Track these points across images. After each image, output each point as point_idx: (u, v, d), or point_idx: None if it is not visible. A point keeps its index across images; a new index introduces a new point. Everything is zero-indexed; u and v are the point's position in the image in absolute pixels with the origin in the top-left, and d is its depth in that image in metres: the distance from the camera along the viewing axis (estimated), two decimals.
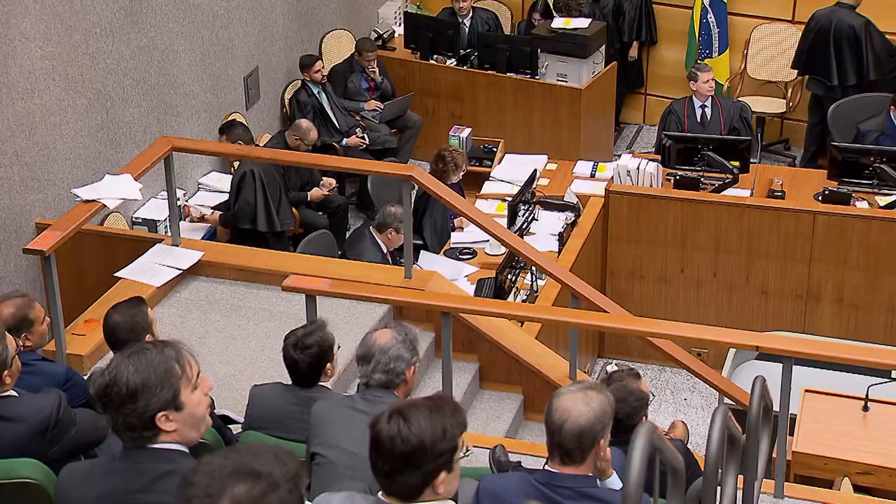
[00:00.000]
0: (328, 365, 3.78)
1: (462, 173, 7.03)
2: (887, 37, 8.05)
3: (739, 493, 3.43)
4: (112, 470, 2.39)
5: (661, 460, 2.59)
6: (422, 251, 6.69)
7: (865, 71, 7.91)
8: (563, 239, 6.73)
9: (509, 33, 9.19)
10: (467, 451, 2.45)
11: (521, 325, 5.82)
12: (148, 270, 5.49)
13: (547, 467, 2.91)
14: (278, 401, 3.76)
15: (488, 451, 4.06)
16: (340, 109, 8.21)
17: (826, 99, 8.07)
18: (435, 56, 8.73)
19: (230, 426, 3.96)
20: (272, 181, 6.83)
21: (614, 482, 2.97)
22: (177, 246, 5.70)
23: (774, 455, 4.31)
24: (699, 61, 8.54)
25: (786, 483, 4.25)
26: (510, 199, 6.84)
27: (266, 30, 8.07)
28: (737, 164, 6.90)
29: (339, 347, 3.85)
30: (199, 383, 2.39)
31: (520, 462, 3.86)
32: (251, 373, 4.83)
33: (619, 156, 7.59)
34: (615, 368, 4.33)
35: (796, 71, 8.32)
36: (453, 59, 8.67)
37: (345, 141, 8.09)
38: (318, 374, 3.75)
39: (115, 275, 5.44)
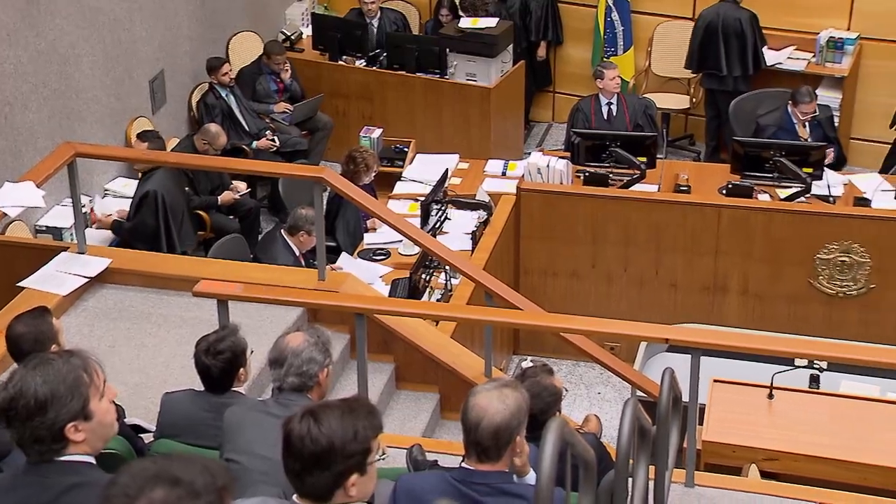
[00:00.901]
0: (241, 370, 3.75)
1: (374, 174, 7.02)
2: (784, 37, 8.31)
3: (651, 484, 3.50)
4: (17, 485, 2.34)
5: (573, 454, 2.63)
6: (342, 254, 6.67)
7: (752, 61, 8.12)
8: (475, 237, 6.78)
9: (417, 33, 9.21)
10: (383, 454, 2.46)
11: (437, 325, 5.84)
12: (53, 279, 5.37)
13: (464, 465, 2.93)
14: (190, 408, 3.72)
15: (405, 451, 4.07)
16: (249, 112, 8.14)
17: (719, 93, 8.27)
18: (344, 57, 8.70)
19: (142, 435, 3.90)
20: (177, 201, 6.73)
21: (531, 478, 3.00)
22: (83, 253, 5.58)
23: (686, 445, 4.40)
24: (605, 59, 8.67)
25: (696, 472, 4.34)
26: (422, 198, 6.86)
27: (170, 32, 7.95)
28: (644, 159, 7.01)
29: (251, 352, 3.82)
30: (105, 391, 2.37)
31: (436, 461, 3.88)
32: (162, 380, 4.76)
33: (530, 154, 7.66)
34: (530, 365, 4.37)
35: (691, 69, 8.51)
36: (362, 60, 8.66)
37: (255, 144, 8.02)
38: (230, 380, 3.72)
39: (18, 285, 5.30)
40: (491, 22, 8.29)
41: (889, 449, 4.94)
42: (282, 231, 6.36)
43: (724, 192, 6.94)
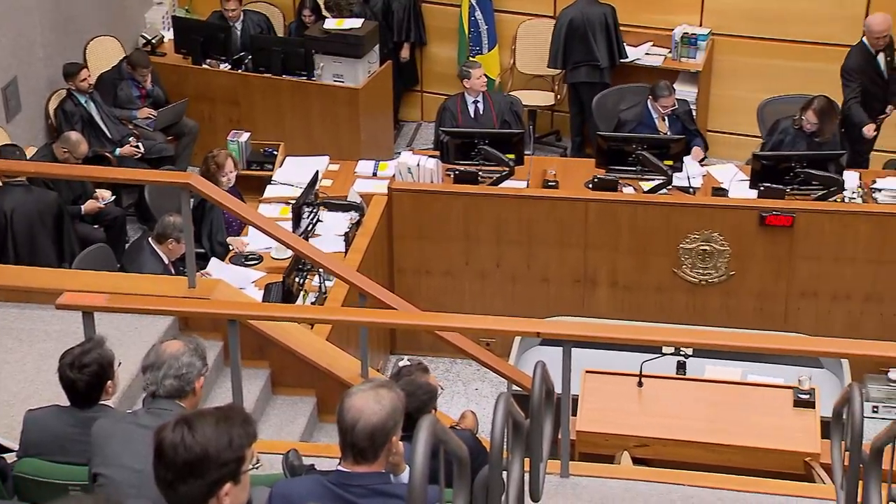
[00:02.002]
0: (109, 383, 3.66)
1: (232, 174, 6.90)
2: (641, 33, 8.54)
3: (527, 476, 3.56)
4: None
5: (446, 451, 2.65)
6: (213, 260, 6.56)
7: (616, 54, 8.35)
8: (348, 239, 6.76)
9: (282, 35, 9.14)
10: (256, 462, 2.44)
11: (312, 328, 5.81)
12: None
13: (340, 467, 2.93)
14: (55, 424, 3.62)
15: (282, 456, 4.04)
16: (111, 118, 7.93)
17: (583, 89, 8.45)
18: (208, 60, 8.57)
19: (5, 454, 3.76)
20: (40, 220, 6.53)
21: (407, 476, 3.02)
22: None
23: (560, 436, 4.49)
24: (470, 58, 8.75)
25: (571, 462, 4.43)
26: (293, 202, 6.81)
27: (23, 38, 7.69)
28: (512, 156, 7.11)
29: (119, 364, 3.73)
30: None
31: (313, 465, 3.86)
32: (27, 397, 4.61)
33: (400, 153, 7.69)
34: (406, 364, 4.39)
35: (556, 67, 8.66)
36: (227, 63, 8.54)
37: (118, 151, 7.82)
38: (98, 393, 3.63)
39: None
40: (356, 23, 8.28)
41: (750, 430, 5.15)
42: (149, 239, 6.23)
43: (590, 186, 7.09)
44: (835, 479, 3.83)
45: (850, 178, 6.86)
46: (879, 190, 6.80)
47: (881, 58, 7.50)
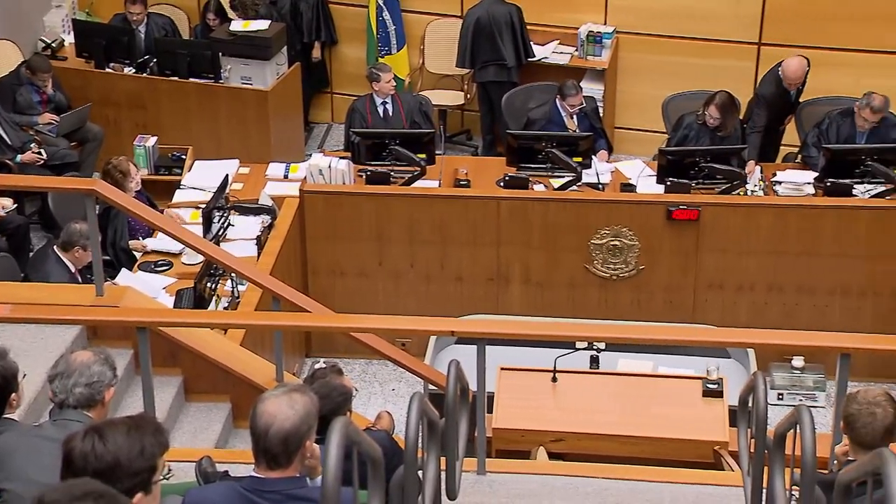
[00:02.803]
0: (12, 395, 3.57)
1: (137, 179, 6.80)
2: (547, 32, 8.64)
3: (443, 475, 3.58)
4: None
5: (360, 453, 2.66)
6: (122, 268, 6.45)
7: (523, 52, 8.41)
8: (261, 242, 6.71)
9: (188, 38, 9.01)
10: (167, 472, 2.41)
11: (225, 333, 5.75)
12: None
13: (254, 473, 2.91)
14: None
15: (195, 464, 3.99)
16: (11, 125, 7.73)
17: (492, 88, 8.50)
18: (111, 64, 8.40)
19: None
20: None
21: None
22: None
23: (477, 434, 4.53)
24: (379, 59, 8.75)
25: (487, 459, 4.46)
26: (203, 206, 6.73)
27: None
28: (423, 156, 7.13)
29: (24, 376, 3.64)
30: None
31: (227, 472, 3.82)
32: None
33: (311, 155, 7.64)
34: (322, 366, 4.38)
35: (464, 67, 8.70)
36: (131, 67, 8.39)
37: (19, 158, 7.62)
38: (1, 407, 3.54)
39: None
40: (263, 24, 8.22)
41: (661, 421, 5.26)
42: (55, 247, 6.09)
43: (501, 184, 7.14)
44: (742, 465, 3.93)
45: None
46: (780, 182, 6.98)
47: (793, 95, 7.66)
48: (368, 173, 7.16)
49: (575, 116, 7.57)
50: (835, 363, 4.33)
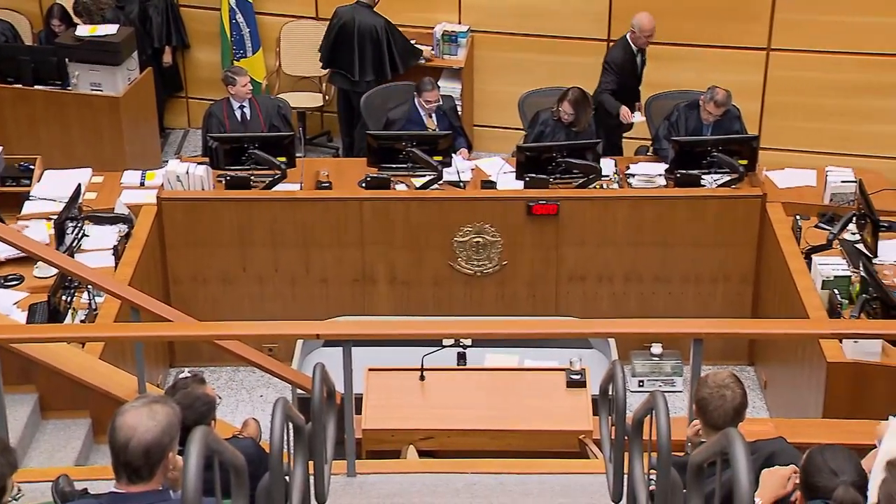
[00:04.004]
0: None
1: None
2: (403, 32, 8.65)
3: (312, 479, 3.57)
4: None
5: (222, 461, 2.63)
6: None
7: (388, 68, 8.37)
8: (118, 252, 6.55)
9: (31, 44, 8.71)
10: (18, 493, 2.33)
11: (83, 347, 5.60)
12: None
13: (114, 489, 2.84)
14: None
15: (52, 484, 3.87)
16: None
17: (351, 92, 8.50)
18: None
19: None
20: None
21: None
22: None
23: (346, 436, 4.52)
24: (235, 62, 8.63)
25: (357, 460, 4.47)
26: (55, 217, 6.52)
27: None
28: (283, 159, 7.07)
29: None
30: None
31: (86, 489, 3.72)
32: None
33: (168, 162, 7.49)
34: (184, 376, 4.30)
35: (322, 64, 8.65)
36: None
37: None
38: None
39: None
40: (111, 29, 8.01)
41: (528, 414, 5.35)
42: None
43: (363, 185, 7.15)
44: (604, 452, 4.04)
45: (607, 164, 7.22)
46: (633, 175, 7.19)
47: (639, 58, 7.93)
48: (228, 178, 7.06)
49: (434, 115, 7.63)
50: (690, 348, 4.49)
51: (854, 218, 6.42)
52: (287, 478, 3.28)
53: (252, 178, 7.06)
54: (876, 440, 3.52)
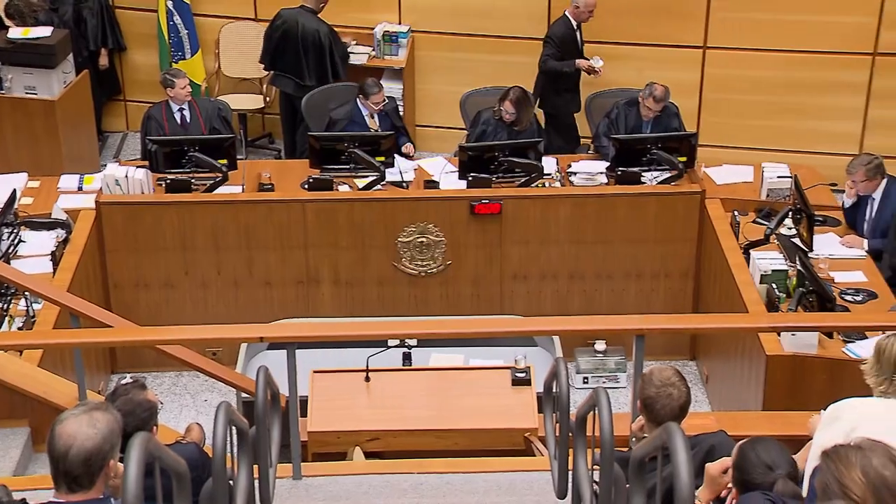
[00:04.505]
0: None
1: None
2: (343, 33, 8.62)
3: (257, 483, 3.55)
4: None
5: (163, 467, 2.60)
6: None
7: (329, 75, 8.29)
8: (56, 258, 6.45)
9: None
10: None
11: (21, 354, 5.51)
12: None
13: (54, 499, 2.80)
14: None
15: None
16: None
17: (293, 96, 8.45)
18: None
19: None
20: None
21: None
22: None
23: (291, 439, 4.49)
24: (173, 64, 8.54)
25: (303, 463, 4.45)
26: None
27: None
28: (224, 162, 7.01)
29: None
30: None
31: (24, 499, 3.65)
32: None
33: (106, 166, 7.39)
34: (124, 382, 4.25)
35: (264, 66, 8.59)
36: None
37: None
38: None
39: None
40: (44, 31, 7.88)
41: (474, 413, 5.37)
42: None
43: (306, 186, 7.12)
44: (549, 449, 4.07)
45: (549, 163, 7.27)
46: (575, 173, 7.24)
47: (578, 34, 8.03)
48: (168, 181, 6.99)
49: (376, 116, 7.62)
50: (632, 344, 4.53)
51: (790, 213, 6.53)
52: (231, 482, 3.26)
53: (193, 181, 7.00)
54: (809, 432, 3.59)
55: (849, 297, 6.03)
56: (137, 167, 7.07)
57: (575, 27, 8.02)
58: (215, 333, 4.98)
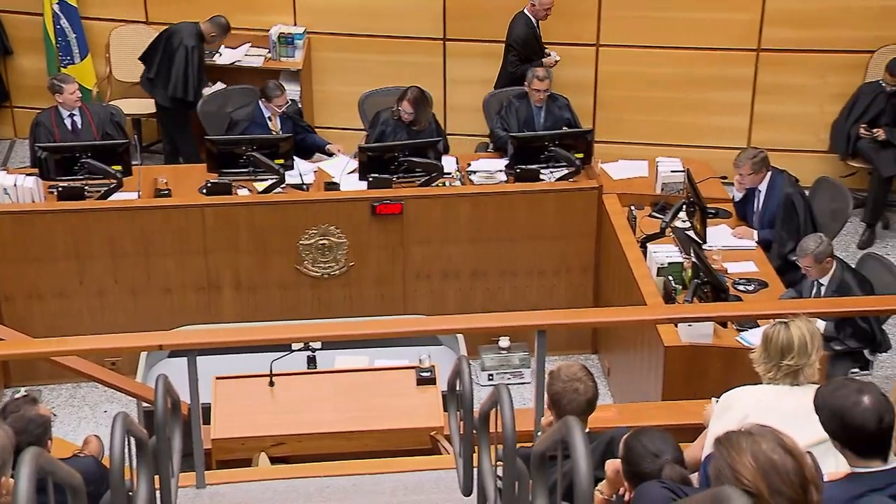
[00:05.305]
0: None
1: None
2: (239, 35, 8.52)
3: (159, 494, 3.49)
4: None
5: (56, 481, 2.55)
6: None
7: (191, 91, 8.08)
8: None
9: None
10: None
11: None
12: None
13: None
14: None
15: None
16: None
17: (169, 110, 8.28)
18: None
19: None
20: None
21: None
22: None
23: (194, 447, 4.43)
24: (62, 69, 8.33)
25: (207, 471, 4.39)
26: None
27: None
28: (119, 168, 6.91)
29: None
30: None
31: None
32: None
33: None
34: (14, 398, 4.13)
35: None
36: None
37: None
38: None
39: None
40: None
41: (380, 414, 5.37)
42: None
43: (204, 191, 7.03)
44: (454, 447, 4.09)
45: (449, 162, 7.30)
46: (475, 172, 7.29)
47: (538, 31, 8.09)
48: (60, 189, 6.83)
49: (278, 118, 7.56)
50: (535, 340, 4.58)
51: (684, 206, 6.68)
52: (131, 494, 3.20)
53: (86, 188, 6.86)
54: (704, 422, 3.68)
55: (741, 287, 6.20)
56: (27, 175, 6.91)
57: (535, 25, 8.06)
58: (112, 343, 4.88)
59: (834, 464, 3.03)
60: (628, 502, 3.05)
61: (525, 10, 8.07)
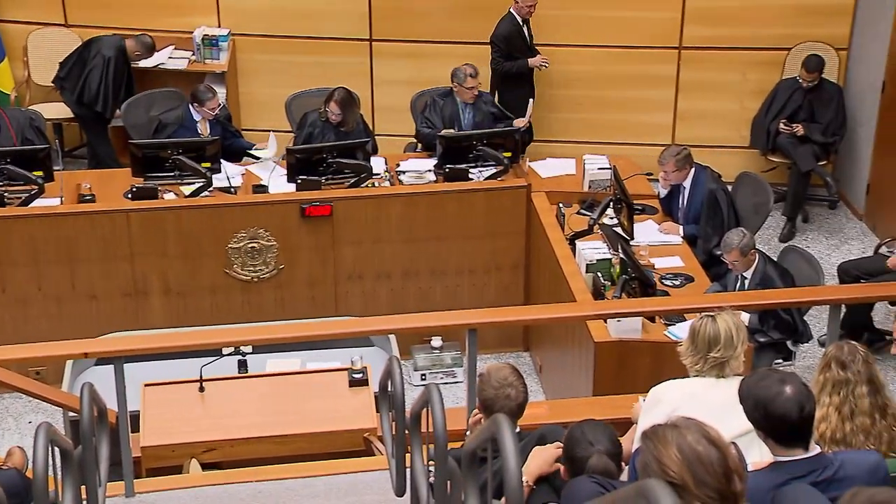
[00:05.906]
0: None
1: None
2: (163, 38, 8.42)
3: None
4: None
5: None
6: None
7: (110, 102, 8.04)
8: None
9: None
10: None
11: None
12: None
13: None
14: None
15: None
16: None
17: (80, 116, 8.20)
18: None
19: None
20: None
21: None
22: None
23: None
24: None
25: (136, 480, 4.33)
26: None
27: None
28: (40, 173, 6.81)
29: None
30: None
31: None
32: None
33: None
34: None
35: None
36: None
37: None
38: None
39: None
40: None
41: (313, 416, 5.34)
42: None
43: (129, 196, 6.93)
44: (387, 448, 4.08)
45: (378, 163, 7.29)
46: (404, 172, 7.29)
47: (525, 29, 8.07)
48: None
49: (207, 123, 7.48)
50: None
51: (611, 203, 6.76)
52: None
53: (6, 194, 6.74)
54: (633, 418, 3.72)
55: (668, 282, 6.29)
56: None
57: (521, 23, 8.04)
58: (36, 352, 4.78)
59: (758, 453, 3.09)
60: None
61: (511, 9, 8.07)
